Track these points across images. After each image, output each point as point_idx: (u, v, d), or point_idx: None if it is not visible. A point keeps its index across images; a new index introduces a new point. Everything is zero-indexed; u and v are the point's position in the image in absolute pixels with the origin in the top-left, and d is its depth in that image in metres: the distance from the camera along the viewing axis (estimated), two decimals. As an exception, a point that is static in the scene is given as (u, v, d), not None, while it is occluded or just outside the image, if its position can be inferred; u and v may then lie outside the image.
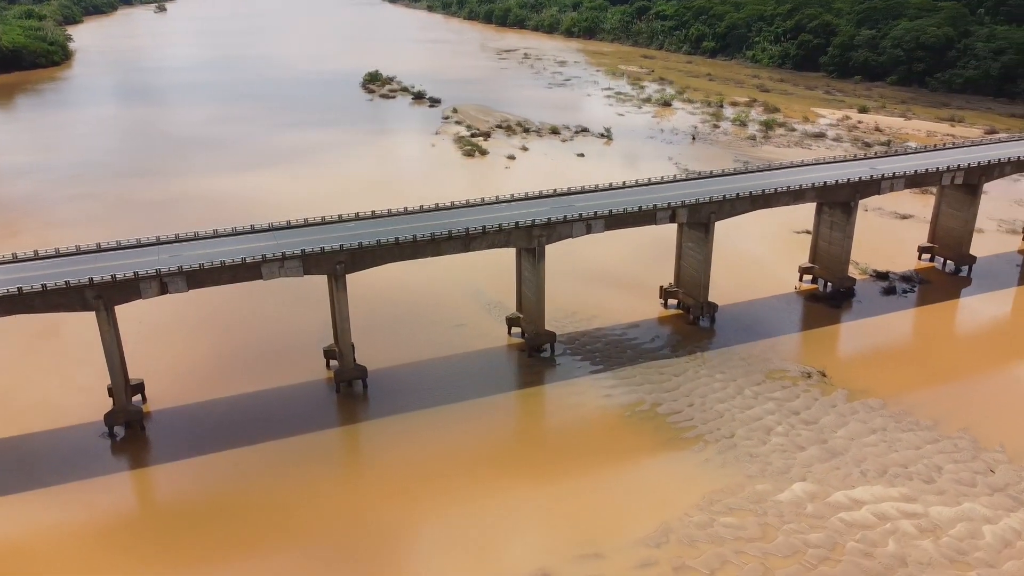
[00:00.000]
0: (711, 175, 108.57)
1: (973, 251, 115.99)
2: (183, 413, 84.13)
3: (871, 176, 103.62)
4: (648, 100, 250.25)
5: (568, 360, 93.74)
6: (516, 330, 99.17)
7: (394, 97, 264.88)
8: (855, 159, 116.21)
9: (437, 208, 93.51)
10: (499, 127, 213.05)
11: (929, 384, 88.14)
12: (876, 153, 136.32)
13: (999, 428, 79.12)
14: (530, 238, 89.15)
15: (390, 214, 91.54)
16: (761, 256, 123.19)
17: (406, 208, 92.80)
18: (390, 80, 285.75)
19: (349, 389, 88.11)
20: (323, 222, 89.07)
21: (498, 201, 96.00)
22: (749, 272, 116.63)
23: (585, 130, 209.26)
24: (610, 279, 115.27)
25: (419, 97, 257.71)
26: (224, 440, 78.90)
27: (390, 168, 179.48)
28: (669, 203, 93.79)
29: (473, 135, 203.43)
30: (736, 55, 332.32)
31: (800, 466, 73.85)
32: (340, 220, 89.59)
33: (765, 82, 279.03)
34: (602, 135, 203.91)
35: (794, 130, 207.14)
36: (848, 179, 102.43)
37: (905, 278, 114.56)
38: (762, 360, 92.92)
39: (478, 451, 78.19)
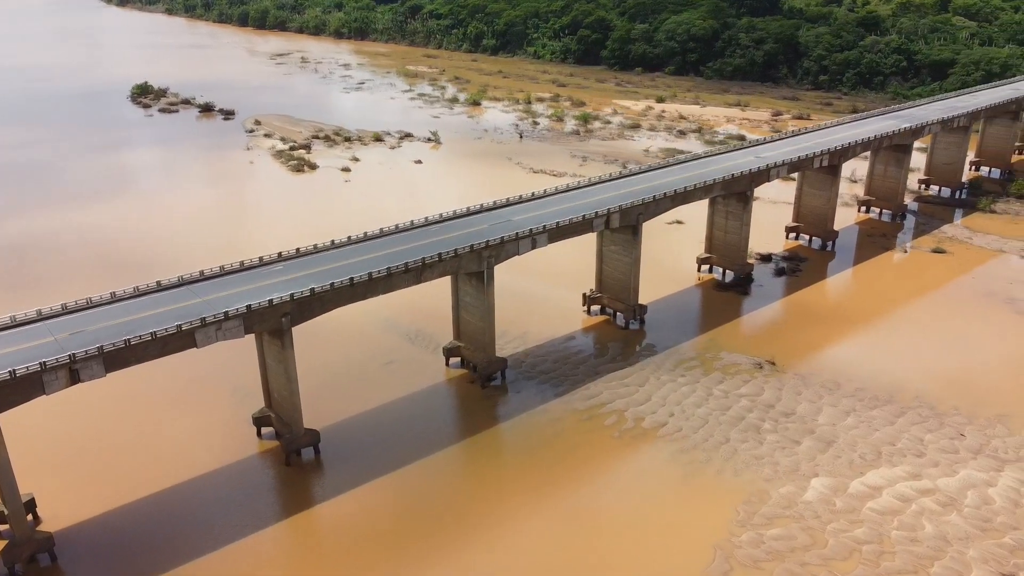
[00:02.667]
0: (621, 176, 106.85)
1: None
2: (94, 529, 66.62)
3: (766, 165, 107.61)
4: (455, 100, 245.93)
5: (525, 385, 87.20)
6: (454, 360, 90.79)
7: (176, 111, 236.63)
8: (736, 150, 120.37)
9: (366, 237, 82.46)
10: (316, 137, 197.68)
11: (865, 357, 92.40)
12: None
13: (943, 390, 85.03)
14: (480, 260, 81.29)
15: (316, 250, 79.12)
16: (650, 252, 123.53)
17: (333, 241, 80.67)
18: (164, 92, 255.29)
19: (297, 459, 75.05)
20: (243, 267, 74.67)
21: (427, 223, 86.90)
22: (645, 269, 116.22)
23: (409, 135, 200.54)
24: (523, 293, 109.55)
25: (207, 109, 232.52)
26: (160, 560, 63.02)
27: (221, 193, 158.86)
28: (608, 209, 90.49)
29: (292, 148, 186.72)
30: (518, 52, 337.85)
31: (806, 461, 73.98)
32: (262, 264, 75.70)
33: (557, 77, 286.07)
34: (429, 139, 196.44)
35: (609, 122, 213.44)
36: (750, 170, 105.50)
37: (787, 258, 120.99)
38: (710, 357, 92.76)
39: (486, 502, 69.83)
